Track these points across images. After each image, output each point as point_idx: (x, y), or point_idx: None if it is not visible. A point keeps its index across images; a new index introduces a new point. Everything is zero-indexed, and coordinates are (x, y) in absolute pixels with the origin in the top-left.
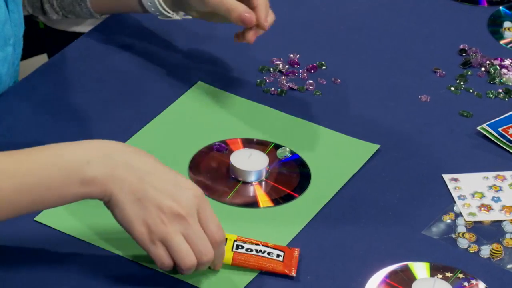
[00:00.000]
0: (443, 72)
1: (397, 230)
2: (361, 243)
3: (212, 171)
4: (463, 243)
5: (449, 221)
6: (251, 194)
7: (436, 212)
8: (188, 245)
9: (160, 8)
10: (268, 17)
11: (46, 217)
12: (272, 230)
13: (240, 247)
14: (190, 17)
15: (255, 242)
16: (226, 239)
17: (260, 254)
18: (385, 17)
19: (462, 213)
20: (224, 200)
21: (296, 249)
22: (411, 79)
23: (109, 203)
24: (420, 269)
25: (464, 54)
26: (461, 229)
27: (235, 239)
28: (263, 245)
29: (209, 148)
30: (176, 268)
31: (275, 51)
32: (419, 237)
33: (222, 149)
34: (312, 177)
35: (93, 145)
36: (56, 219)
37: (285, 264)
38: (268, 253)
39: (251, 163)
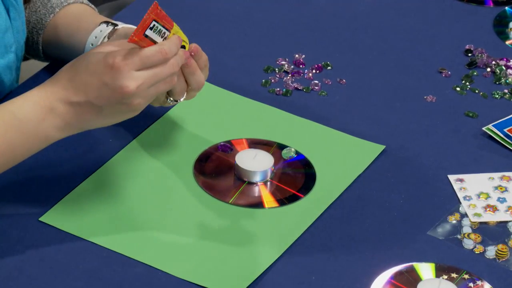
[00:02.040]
0: (449, 73)
1: (402, 230)
2: (366, 244)
3: (217, 171)
4: (468, 243)
5: (454, 221)
6: (256, 194)
7: (441, 212)
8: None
9: None
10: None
11: (50, 218)
12: (277, 230)
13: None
14: None
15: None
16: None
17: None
18: (391, 18)
19: (468, 214)
20: (229, 201)
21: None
22: (417, 79)
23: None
24: (425, 269)
25: (469, 54)
26: (466, 229)
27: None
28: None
29: (214, 149)
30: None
31: (281, 51)
32: (425, 237)
33: (227, 149)
34: (317, 177)
35: (38, 98)
36: (61, 219)
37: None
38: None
39: (256, 163)
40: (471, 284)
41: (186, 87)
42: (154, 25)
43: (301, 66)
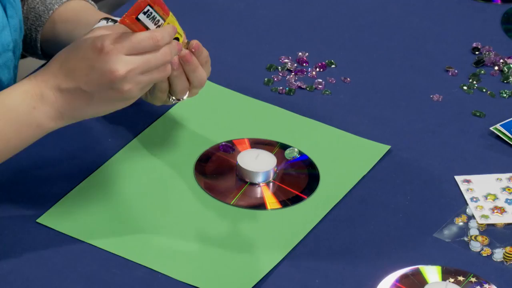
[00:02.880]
0: (456, 71)
1: (408, 232)
2: (371, 246)
3: (218, 172)
4: (475, 246)
5: (461, 223)
6: (258, 195)
7: (448, 214)
8: (153, 73)
9: None
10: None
11: (48, 219)
12: (279, 232)
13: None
14: None
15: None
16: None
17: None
18: (396, 15)
19: (475, 216)
20: (231, 202)
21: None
22: (423, 78)
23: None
24: (431, 273)
25: (477, 52)
26: (473, 232)
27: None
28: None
29: (215, 149)
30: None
31: (284, 49)
32: (431, 240)
33: (229, 149)
34: (321, 178)
35: (26, 91)
36: (59, 221)
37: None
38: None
39: (258, 163)
40: None
41: (188, 85)
42: (148, 10)
43: (304, 64)
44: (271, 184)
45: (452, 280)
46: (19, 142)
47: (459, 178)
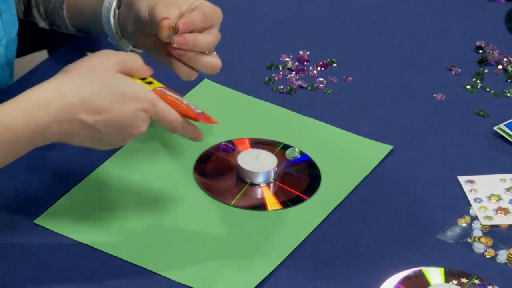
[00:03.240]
0: (459, 70)
1: (410, 234)
2: (373, 248)
3: (218, 172)
4: (479, 247)
5: (464, 224)
6: (259, 196)
7: (451, 215)
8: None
9: (116, 37)
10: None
11: (46, 220)
12: (280, 233)
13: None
14: (139, 50)
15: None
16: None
17: (179, 101)
18: (399, 13)
19: (478, 217)
20: (231, 203)
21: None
22: (426, 77)
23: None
24: (434, 274)
25: (480, 51)
26: (477, 233)
27: (161, 87)
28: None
29: (215, 149)
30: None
31: (284, 47)
32: (434, 241)
33: (229, 149)
34: (322, 178)
35: (33, 112)
36: (56, 221)
37: (198, 113)
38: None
39: (259, 164)
40: None
41: (193, 71)
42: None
43: (305, 63)
44: (271, 184)
45: (455, 282)
46: (4, 157)
47: (462, 179)
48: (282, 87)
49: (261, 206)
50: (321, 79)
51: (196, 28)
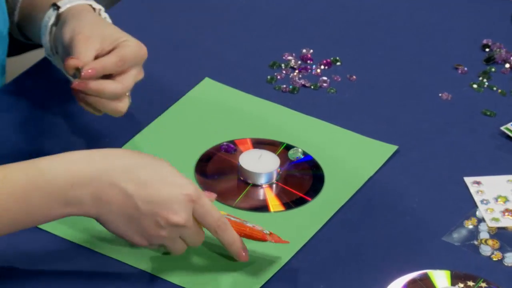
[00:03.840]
0: (465, 69)
1: (415, 236)
2: (377, 250)
3: (219, 173)
4: (486, 250)
5: (471, 226)
6: (261, 197)
7: (457, 217)
8: (184, 244)
9: (50, 52)
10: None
11: (46, 224)
12: (283, 235)
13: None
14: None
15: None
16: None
17: (242, 222)
18: (404, 10)
19: (485, 218)
20: (232, 204)
21: (275, 235)
22: (431, 76)
23: (101, 221)
24: (440, 277)
25: (487, 49)
26: (483, 235)
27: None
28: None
29: (217, 149)
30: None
31: (287, 45)
32: (439, 243)
33: (230, 149)
34: (325, 179)
35: (76, 162)
36: (57, 225)
37: (266, 234)
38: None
39: (261, 164)
40: None
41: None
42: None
43: (308, 61)
44: (274, 185)
45: (461, 285)
46: (27, 221)
47: (468, 180)
48: (284, 86)
49: (263, 207)
50: (325, 78)
51: (107, 72)
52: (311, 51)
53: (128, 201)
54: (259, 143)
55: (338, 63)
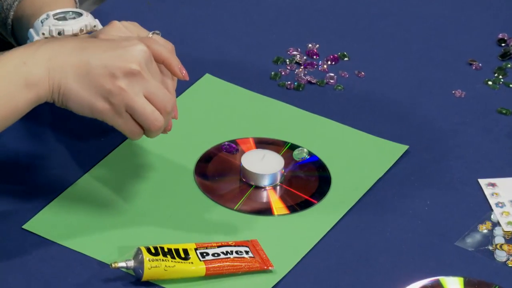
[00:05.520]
0: (480, 65)
1: (427, 241)
2: (387, 256)
3: (220, 174)
4: (501, 255)
5: (485, 231)
6: (264, 200)
7: (471, 221)
8: (151, 105)
9: None
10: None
11: (34, 225)
12: (287, 240)
13: (205, 254)
14: None
15: (216, 244)
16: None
17: (229, 256)
18: (415, 3)
19: (500, 222)
20: (234, 207)
21: (254, 240)
22: (444, 72)
23: (61, 97)
24: (453, 284)
25: (503, 44)
26: (498, 240)
27: (195, 247)
28: (225, 245)
29: (218, 149)
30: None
31: (292, 40)
32: (452, 249)
33: (232, 149)
34: (332, 181)
35: (25, 47)
36: (44, 227)
37: (261, 260)
38: (237, 252)
39: (264, 165)
40: None
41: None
42: None
43: (314, 57)
44: (278, 187)
45: None
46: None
47: (483, 182)
48: (289, 82)
49: (266, 210)
50: (332, 74)
51: None
52: (317, 45)
53: (79, 59)
54: (262, 143)
55: (346, 59)
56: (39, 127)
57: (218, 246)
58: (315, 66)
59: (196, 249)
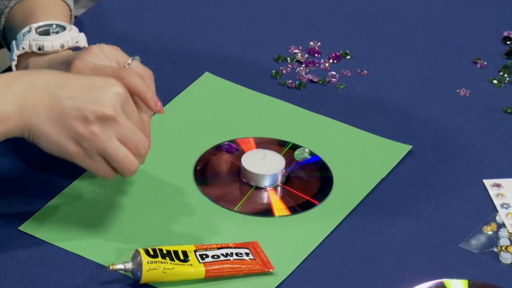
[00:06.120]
0: (485, 63)
1: (431, 242)
2: (390, 258)
3: (220, 175)
4: (506, 257)
5: (490, 232)
6: (265, 201)
7: (475, 222)
8: (125, 148)
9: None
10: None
11: (30, 227)
12: (288, 242)
13: (205, 256)
14: None
15: (215, 246)
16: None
17: (229, 258)
18: (418, 0)
19: (506, 224)
20: (234, 208)
21: (255, 242)
22: (448, 70)
23: (32, 135)
24: (457, 287)
25: (508, 42)
26: (504, 241)
27: (194, 249)
28: (225, 247)
29: (217, 149)
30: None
31: (293, 38)
32: (456, 250)
33: (232, 149)
34: (334, 182)
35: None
36: (40, 229)
37: (261, 262)
38: (237, 254)
39: (265, 165)
40: None
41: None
42: None
43: (316, 55)
44: (279, 188)
45: None
46: None
47: (488, 182)
48: (290, 81)
49: (267, 212)
50: (334, 72)
51: None
52: (319, 43)
53: (52, 100)
54: (262, 143)
55: (348, 57)
56: None
57: (218, 248)
58: (317, 65)
59: (195, 251)
